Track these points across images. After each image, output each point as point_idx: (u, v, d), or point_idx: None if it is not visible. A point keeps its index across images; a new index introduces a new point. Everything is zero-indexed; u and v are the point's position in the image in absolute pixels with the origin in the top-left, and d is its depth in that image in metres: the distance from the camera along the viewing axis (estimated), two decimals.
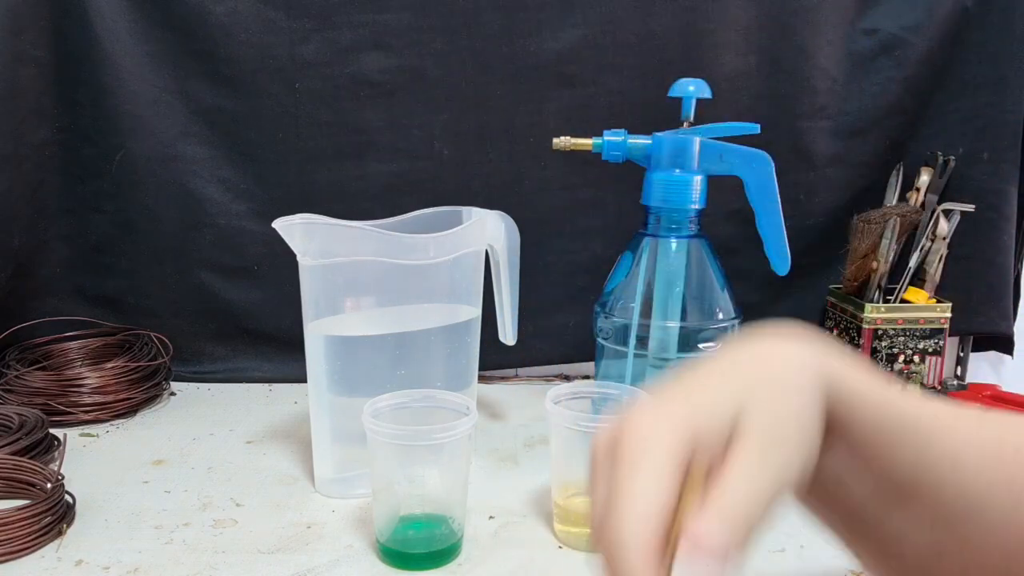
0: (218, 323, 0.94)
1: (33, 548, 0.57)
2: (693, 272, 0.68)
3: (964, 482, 0.37)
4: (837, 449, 0.36)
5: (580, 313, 0.92)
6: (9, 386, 0.81)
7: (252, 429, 0.81)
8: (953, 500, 0.37)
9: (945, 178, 0.88)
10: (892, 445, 0.36)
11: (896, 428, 0.36)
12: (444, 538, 0.57)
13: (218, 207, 0.90)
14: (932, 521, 0.37)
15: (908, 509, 0.37)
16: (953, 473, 0.37)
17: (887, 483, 0.37)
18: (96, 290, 0.94)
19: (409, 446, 0.55)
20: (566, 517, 0.59)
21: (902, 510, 0.38)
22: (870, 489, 0.37)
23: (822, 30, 0.87)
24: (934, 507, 0.37)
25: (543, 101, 0.88)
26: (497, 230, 0.73)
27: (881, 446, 0.36)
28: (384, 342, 0.65)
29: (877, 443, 0.36)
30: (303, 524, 0.62)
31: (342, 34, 0.86)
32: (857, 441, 0.36)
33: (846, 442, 0.36)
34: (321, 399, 0.66)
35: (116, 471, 0.70)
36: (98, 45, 0.85)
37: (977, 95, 0.88)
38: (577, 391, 0.63)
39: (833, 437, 0.36)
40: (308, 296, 0.65)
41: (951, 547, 0.38)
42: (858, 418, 0.36)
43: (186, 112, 0.88)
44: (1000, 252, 0.90)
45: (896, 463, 0.36)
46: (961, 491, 0.37)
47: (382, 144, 0.89)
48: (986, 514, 0.36)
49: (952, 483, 0.37)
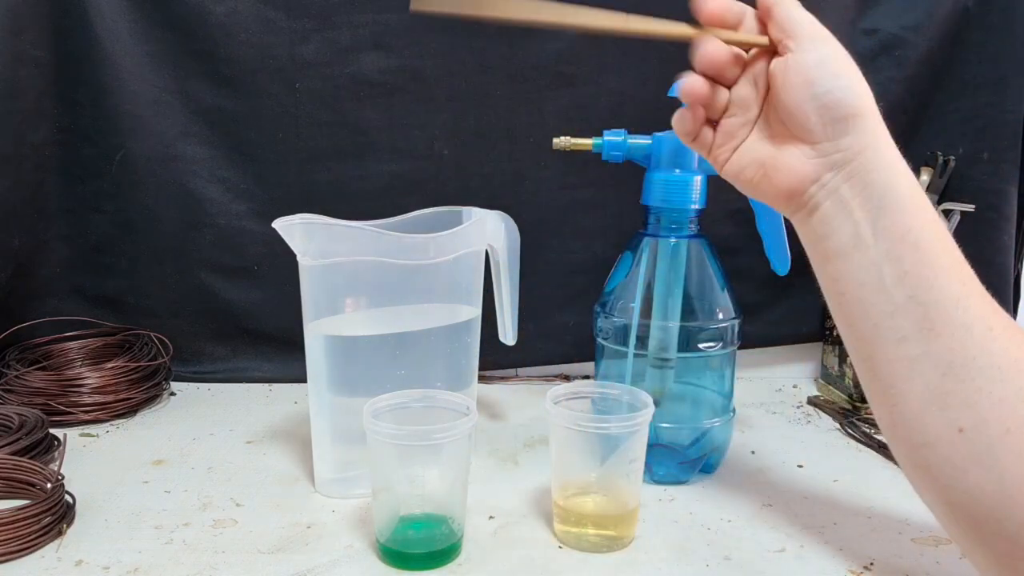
0: (218, 323, 0.94)
1: (33, 548, 0.57)
2: (693, 272, 0.68)
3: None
4: (858, 205, 0.45)
5: (580, 313, 0.92)
6: (9, 386, 0.81)
7: (252, 429, 0.81)
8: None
9: (945, 178, 0.88)
10: (906, 207, 0.45)
11: (912, 194, 0.45)
12: (444, 538, 0.57)
13: (218, 207, 0.90)
14: (947, 365, 0.42)
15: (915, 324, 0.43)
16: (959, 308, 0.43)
17: (900, 248, 0.44)
18: (96, 290, 0.94)
19: (409, 446, 0.55)
20: (566, 517, 0.59)
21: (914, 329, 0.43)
22: (881, 251, 0.44)
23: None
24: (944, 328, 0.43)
25: (543, 101, 0.88)
26: (497, 230, 0.73)
27: (898, 206, 0.44)
28: (384, 342, 0.65)
29: (893, 202, 0.45)
30: (303, 524, 0.62)
31: (342, 34, 0.86)
32: (876, 194, 0.45)
33: (866, 193, 0.45)
34: (321, 399, 0.66)
35: (116, 471, 0.70)
36: (98, 45, 0.85)
37: (977, 95, 0.88)
38: (577, 391, 0.63)
39: (852, 187, 0.45)
40: (308, 296, 0.65)
41: (956, 400, 0.42)
42: (882, 176, 0.45)
43: (186, 112, 0.88)
44: (1000, 252, 0.89)
45: (910, 225, 0.44)
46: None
47: (382, 144, 0.89)
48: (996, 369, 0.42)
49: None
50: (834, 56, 0.46)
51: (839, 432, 0.82)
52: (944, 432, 0.42)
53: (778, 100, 0.48)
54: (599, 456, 0.58)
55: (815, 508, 0.65)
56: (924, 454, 0.44)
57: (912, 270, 0.44)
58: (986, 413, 0.41)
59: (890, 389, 0.45)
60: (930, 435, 0.43)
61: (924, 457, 0.44)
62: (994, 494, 0.41)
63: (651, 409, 0.58)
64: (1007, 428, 0.41)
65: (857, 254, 0.45)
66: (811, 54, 0.46)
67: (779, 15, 0.47)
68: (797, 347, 0.98)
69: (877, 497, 0.67)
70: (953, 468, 0.42)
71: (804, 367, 0.99)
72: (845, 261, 0.46)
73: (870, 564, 0.57)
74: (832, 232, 0.46)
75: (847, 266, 0.46)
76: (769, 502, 0.66)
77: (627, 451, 0.58)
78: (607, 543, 0.58)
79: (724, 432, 0.70)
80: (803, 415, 0.87)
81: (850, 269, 0.46)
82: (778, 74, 0.47)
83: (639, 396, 0.60)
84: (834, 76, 0.45)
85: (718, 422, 0.69)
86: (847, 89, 0.45)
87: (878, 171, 0.45)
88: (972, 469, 0.42)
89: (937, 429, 0.43)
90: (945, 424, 0.42)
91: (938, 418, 0.43)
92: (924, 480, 0.45)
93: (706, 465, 0.70)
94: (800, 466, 0.74)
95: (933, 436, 0.43)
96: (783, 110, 0.48)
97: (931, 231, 0.44)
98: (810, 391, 0.94)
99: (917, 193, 0.45)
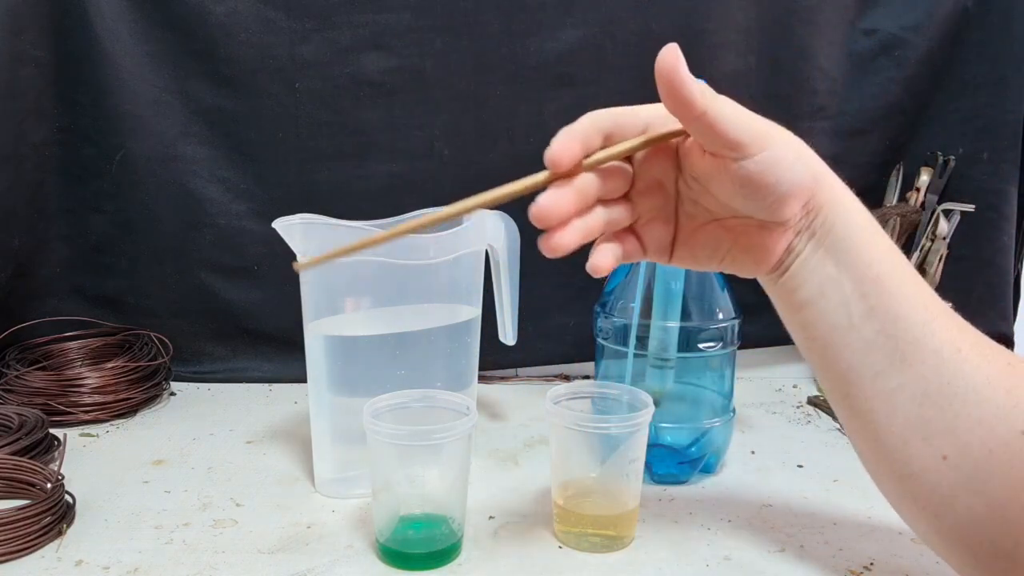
0: (218, 323, 0.93)
1: (33, 548, 0.57)
2: (693, 272, 0.68)
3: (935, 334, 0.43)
4: (821, 255, 0.44)
5: (580, 313, 0.92)
6: (9, 386, 0.81)
7: (252, 429, 0.81)
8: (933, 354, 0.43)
9: (945, 178, 0.88)
10: (866, 243, 0.44)
11: (869, 227, 0.45)
12: (444, 538, 0.57)
13: (218, 207, 0.90)
14: (923, 394, 0.43)
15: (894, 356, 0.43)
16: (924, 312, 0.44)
17: (864, 285, 0.44)
18: (96, 290, 0.94)
19: (409, 446, 0.55)
20: (566, 517, 0.59)
21: (892, 363, 0.43)
22: (852, 294, 0.44)
23: (822, 30, 0.87)
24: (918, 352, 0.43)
25: (543, 101, 0.88)
26: (497, 230, 0.73)
27: (858, 245, 0.44)
28: (384, 342, 0.65)
29: (854, 242, 0.44)
30: (303, 524, 0.62)
31: (342, 34, 0.86)
32: (838, 238, 0.44)
33: (828, 241, 0.44)
34: (321, 399, 0.66)
35: (116, 471, 0.70)
36: (98, 45, 0.85)
37: (977, 95, 0.88)
38: (577, 391, 0.63)
39: (817, 241, 0.44)
40: (308, 296, 0.65)
41: (936, 428, 0.42)
42: (841, 220, 0.44)
43: (186, 112, 0.88)
44: (1000, 252, 0.89)
45: (870, 260, 0.44)
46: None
47: (382, 144, 0.89)
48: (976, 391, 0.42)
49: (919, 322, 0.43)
50: (783, 148, 0.42)
51: (839, 432, 0.82)
52: (929, 461, 0.42)
53: (730, 200, 0.44)
54: (599, 456, 0.59)
55: (815, 508, 0.65)
56: (911, 485, 0.44)
57: (878, 304, 0.44)
58: (967, 437, 0.41)
59: (870, 425, 0.45)
60: (915, 466, 0.43)
61: (911, 488, 0.44)
62: (985, 517, 0.41)
63: (651, 409, 0.58)
64: (989, 449, 0.41)
65: (823, 301, 0.45)
66: (762, 157, 0.41)
67: (715, 124, 0.40)
68: (797, 347, 0.98)
69: (877, 497, 0.66)
70: (941, 497, 0.42)
71: (804, 367, 0.99)
72: (812, 308, 0.46)
73: (870, 564, 0.57)
74: (800, 284, 0.46)
75: (815, 312, 0.46)
76: (769, 502, 0.66)
77: (627, 451, 0.58)
78: (607, 543, 0.58)
79: (724, 432, 0.70)
80: (803, 415, 0.87)
81: (818, 315, 0.45)
82: (720, 181, 0.43)
83: (639, 396, 0.60)
84: (791, 168, 0.42)
85: (718, 422, 0.69)
86: (803, 173, 0.43)
87: (836, 215, 0.44)
88: (960, 495, 0.42)
89: (922, 459, 0.43)
90: (929, 454, 0.42)
91: (922, 448, 0.43)
92: (913, 510, 0.45)
93: (706, 465, 0.70)
94: (800, 466, 0.74)
95: (918, 467, 0.43)
96: (740, 207, 0.44)
97: (889, 262, 0.44)
98: (810, 391, 0.94)
99: (871, 225, 0.45)
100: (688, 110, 0.40)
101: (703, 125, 0.40)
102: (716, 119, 0.40)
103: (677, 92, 0.39)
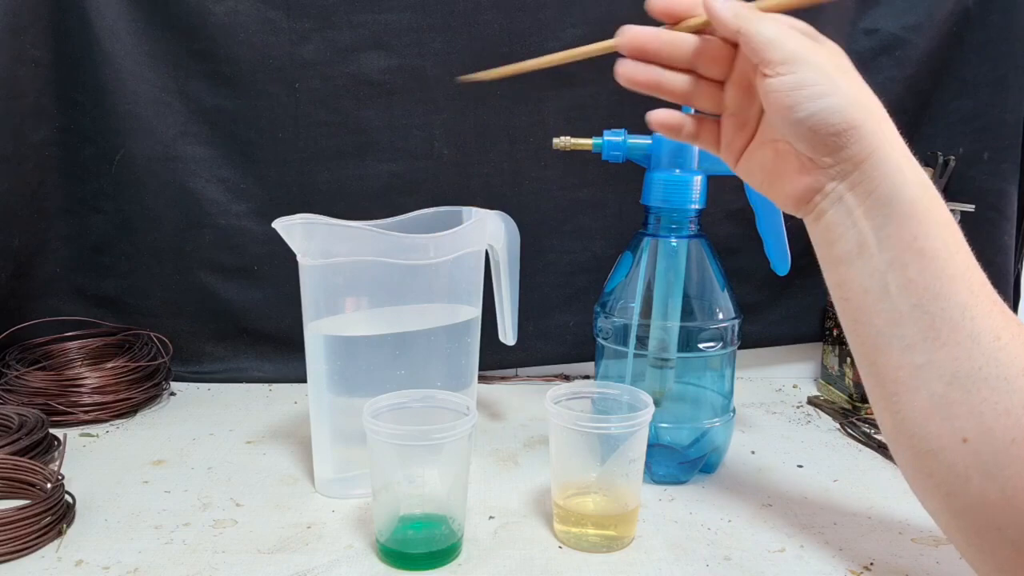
0: (218, 323, 0.94)
1: (33, 548, 0.57)
2: (693, 272, 0.68)
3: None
4: (861, 214, 0.44)
5: (580, 313, 0.92)
6: (9, 386, 0.81)
7: (252, 429, 0.81)
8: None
9: (945, 178, 0.88)
10: (915, 214, 0.43)
11: (923, 199, 0.44)
12: (444, 538, 0.57)
13: (218, 207, 0.90)
14: (952, 375, 0.42)
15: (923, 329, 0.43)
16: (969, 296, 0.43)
17: (906, 255, 0.43)
18: (96, 290, 0.94)
19: (409, 446, 0.55)
20: (566, 517, 0.59)
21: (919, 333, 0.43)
22: (887, 260, 0.43)
23: (822, 30, 0.85)
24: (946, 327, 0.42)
25: (543, 101, 0.88)
26: (497, 230, 0.73)
27: (904, 213, 0.43)
28: (384, 342, 0.65)
29: (900, 210, 0.43)
30: (303, 524, 0.62)
31: (342, 34, 0.86)
32: (881, 201, 0.43)
33: (870, 201, 0.44)
34: (321, 399, 0.66)
35: (116, 471, 0.70)
36: (98, 45, 0.85)
37: (977, 95, 0.88)
38: (577, 391, 0.63)
39: (857, 196, 0.44)
40: (308, 296, 0.65)
41: (961, 410, 0.42)
42: (888, 183, 0.43)
43: (186, 112, 0.88)
44: (1000, 252, 0.89)
45: (917, 233, 0.43)
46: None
47: (382, 144, 0.89)
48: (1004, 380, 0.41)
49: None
50: (814, 76, 0.44)
51: (839, 432, 0.82)
52: (948, 441, 0.42)
53: (769, 119, 0.47)
54: (599, 456, 0.58)
55: (815, 508, 0.65)
56: (927, 462, 0.43)
57: (917, 278, 0.43)
58: (991, 423, 0.41)
59: (893, 396, 0.44)
60: (934, 443, 0.43)
61: (927, 464, 0.43)
62: (997, 503, 0.41)
63: (651, 409, 0.58)
64: (1012, 438, 0.40)
65: (860, 261, 0.45)
66: (787, 79, 0.44)
67: (747, 38, 0.45)
68: (797, 347, 0.98)
69: (877, 497, 0.67)
70: (956, 476, 0.42)
71: (804, 367, 0.99)
72: (849, 267, 0.45)
73: (870, 564, 0.57)
74: (837, 238, 0.46)
75: (851, 272, 0.45)
76: (769, 502, 0.66)
77: (627, 451, 0.58)
78: (607, 543, 0.58)
79: (724, 432, 0.70)
80: (803, 415, 0.87)
81: (854, 276, 0.45)
82: (760, 96, 0.46)
83: (639, 396, 0.60)
84: (816, 98, 0.43)
85: (718, 422, 0.69)
86: (834, 109, 0.43)
87: (882, 178, 0.44)
88: (975, 478, 0.41)
89: (941, 438, 0.42)
90: (949, 433, 0.42)
91: (942, 427, 0.42)
92: (926, 487, 0.45)
93: (706, 465, 0.70)
94: (800, 466, 0.74)
95: (937, 445, 0.42)
96: (775, 130, 0.47)
97: (939, 237, 0.43)
98: (810, 391, 0.94)
99: (926, 197, 0.44)
100: (724, 29, 0.46)
101: (743, 43, 0.45)
102: (751, 38, 0.44)
103: (709, 13, 0.46)
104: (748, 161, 0.50)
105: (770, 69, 0.44)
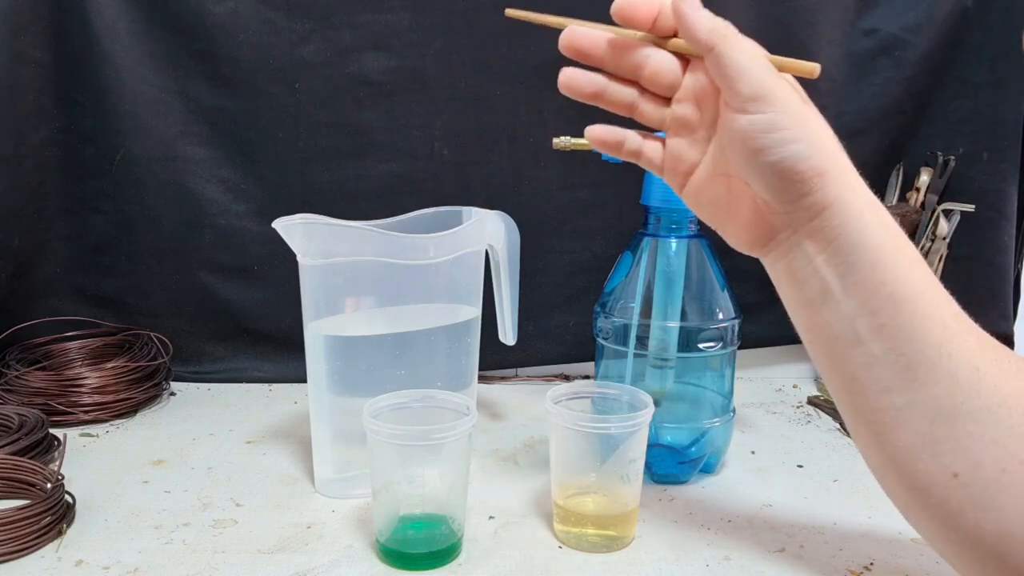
0: (218, 323, 0.94)
1: (33, 548, 0.57)
2: (693, 272, 0.68)
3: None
4: (824, 260, 0.42)
5: (580, 313, 0.92)
6: (9, 386, 0.81)
7: (252, 429, 0.81)
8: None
9: (945, 178, 0.88)
10: (882, 261, 0.41)
11: (888, 244, 0.41)
12: (444, 538, 0.57)
13: (218, 207, 0.90)
14: (935, 413, 0.41)
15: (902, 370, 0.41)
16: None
17: (875, 302, 0.41)
18: (96, 290, 0.94)
19: (409, 446, 0.55)
20: (566, 517, 0.59)
21: (901, 379, 0.41)
22: (856, 307, 0.41)
23: (822, 30, 0.87)
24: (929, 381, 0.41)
25: (543, 101, 0.87)
26: (497, 230, 0.73)
27: (870, 261, 0.41)
28: (384, 342, 0.65)
29: (865, 258, 0.41)
30: (303, 524, 0.62)
31: (342, 34, 0.86)
32: (845, 249, 0.42)
33: (833, 248, 0.42)
34: (321, 399, 0.66)
35: (116, 471, 0.70)
36: (98, 45, 0.85)
37: (977, 95, 0.88)
38: (577, 391, 0.63)
39: (818, 244, 0.42)
40: (308, 296, 0.65)
41: (947, 446, 0.41)
42: (851, 231, 0.41)
43: (186, 112, 0.88)
44: (1000, 252, 0.90)
45: (884, 278, 0.41)
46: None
47: (382, 144, 0.89)
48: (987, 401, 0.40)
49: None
50: (784, 118, 0.40)
51: (839, 432, 0.82)
52: (938, 477, 0.41)
53: (728, 154, 0.43)
54: (599, 456, 0.58)
55: (815, 508, 0.65)
56: (919, 498, 0.42)
57: (890, 323, 0.41)
58: (979, 456, 0.40)
59: (878, 436, 0.43)
60: (923, 481, 0.42)
61: (919, 500, 0.42)
62: (994, 533, 0.40)
63: (651, 409, 0.58)
64: (1003, 468, 0.40)
65: (826, 308, 0.42)
66: (756, 119, 0.40)
67: (718, 60, 0.40)
68: (797, 347, 0.97)
69: (877, 497, 0.67)
70: (949, 511, 0.41)
71: (804, 367, 0.99)
72: (815, 313, 0.43)
73: (870, 564, 0.57)
74: (799, 284, 0.43)
75: (818, 318, 0.43)
76: (769, 502, 0.66)
77: (627, 451, 0.58)
78: (607, 543, 0.58)
79: (724, 432, 0.70)
80: (803, 415, 0.87)
81: (822, 321, 0.43)
82: (723, 129, 0.42)
83: (639, 396, 0.60)
84: (787, 143, 0.40)
85: (718, 422, 0.69)
86: (802, 156, 0.40)
87: (842, 227, 0.41)
88: (969, 512, 0.40)
89: (930, 475, 0.41)
90: (938, 470, 0.41)
91: (931, 464, 0.41)
92: (921, 519, 0.44)
93: (706, 465, 0.70)
94: (800, 466, 0.74)
95: (926, 482, 0.41)
96: (733, 166, 0.43)
97: (908, 281, 0.41)
98: (810, 391, 0.94)
99: (891, 239, 0.41)
100: (693, 41, 0.41)
101: (710, 62, 0.41)
102: (722, 60, 0.40)
103: (681, 20, 0.41)
104: (697, 193, 0.46)
105: (737, 103, 0.40)
